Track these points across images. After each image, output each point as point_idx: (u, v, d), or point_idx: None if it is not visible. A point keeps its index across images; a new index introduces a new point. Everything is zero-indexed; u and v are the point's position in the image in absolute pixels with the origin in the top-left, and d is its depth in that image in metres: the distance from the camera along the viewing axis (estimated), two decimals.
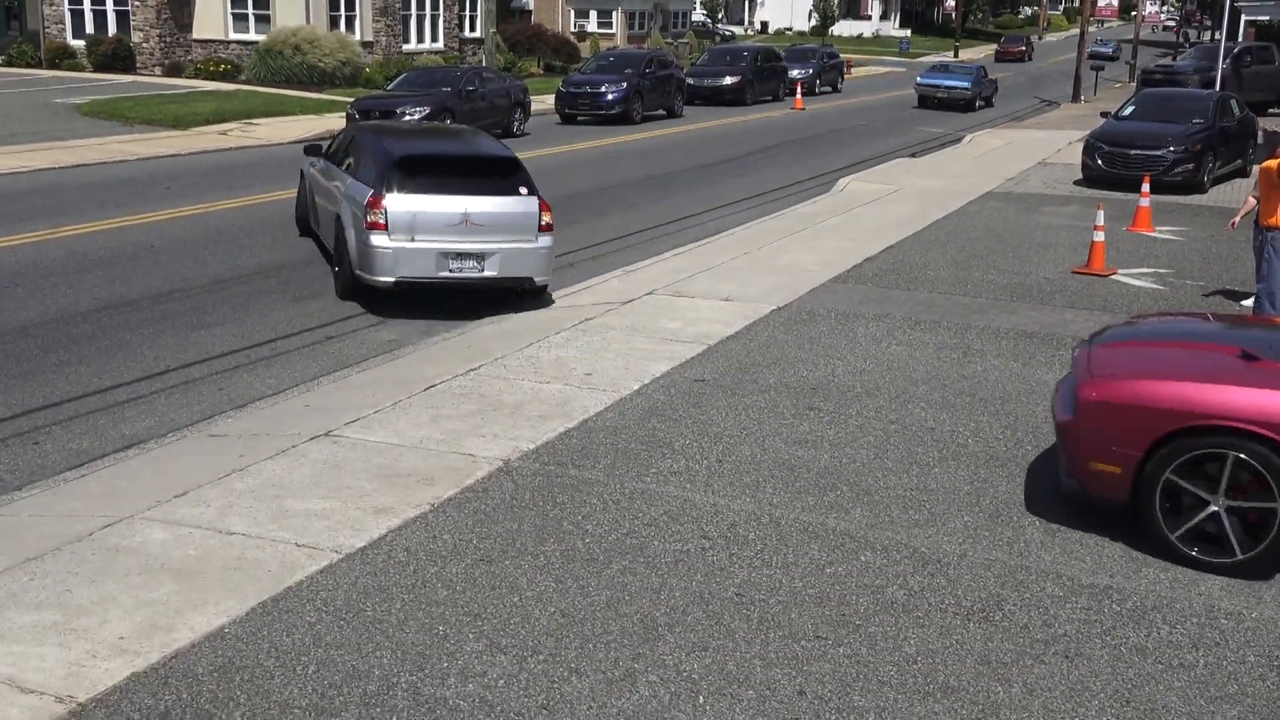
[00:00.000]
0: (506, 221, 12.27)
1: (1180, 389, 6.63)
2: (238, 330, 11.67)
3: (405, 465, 7.74)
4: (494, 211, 12.24)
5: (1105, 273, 14.23)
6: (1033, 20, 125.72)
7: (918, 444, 8.37)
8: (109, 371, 10.28)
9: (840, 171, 24.04)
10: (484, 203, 12.22)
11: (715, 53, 45.79)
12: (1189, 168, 21.18)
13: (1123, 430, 6.71)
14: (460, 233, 12.11)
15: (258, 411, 9.22)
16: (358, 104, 27.64)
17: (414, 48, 45.57)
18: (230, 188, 20.11)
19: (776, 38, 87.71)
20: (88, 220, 16.73)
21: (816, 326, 11.51)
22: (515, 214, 12.33)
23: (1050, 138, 31.07)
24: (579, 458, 7.95)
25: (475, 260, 12.16)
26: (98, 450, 8.50)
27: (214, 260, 14.59)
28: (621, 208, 19.42)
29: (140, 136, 26.81)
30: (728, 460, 7.98)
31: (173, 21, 41.97)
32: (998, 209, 19.16)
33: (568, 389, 9.38)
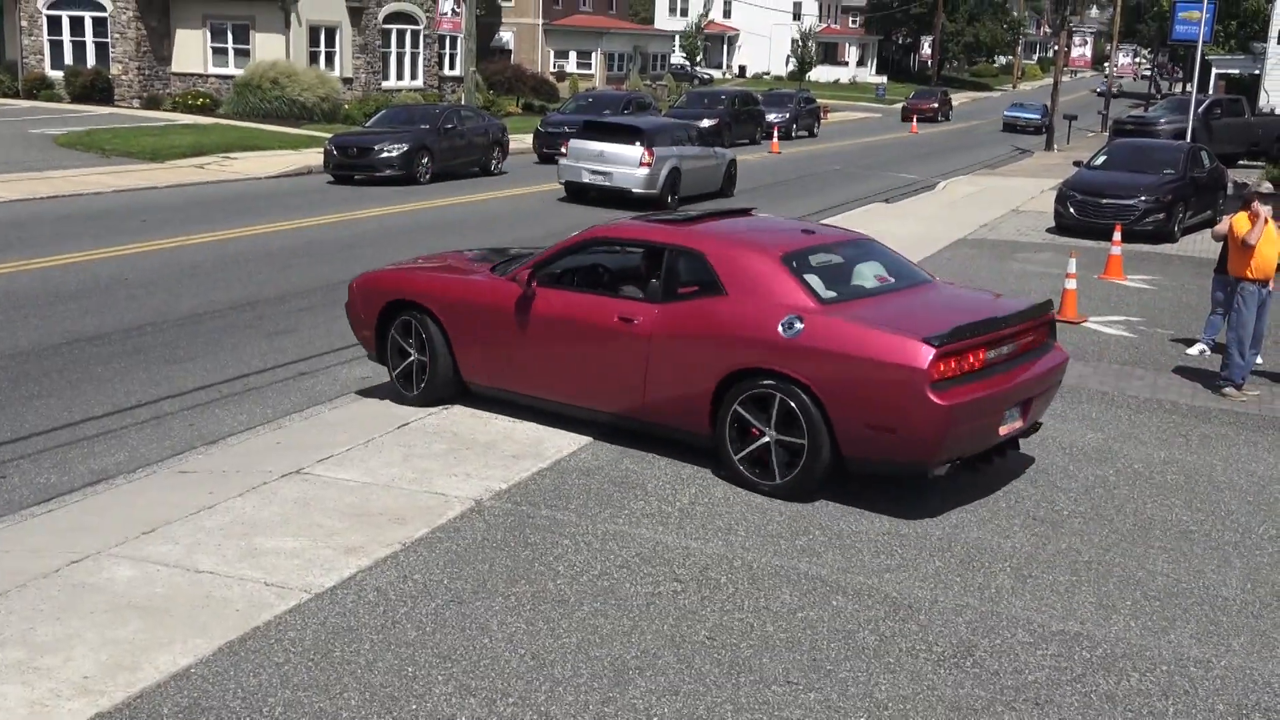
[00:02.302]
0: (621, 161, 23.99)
1: (393, 277, 10.09)
2: (210, 365, 11.62)
3: (376, 504, 7.70)
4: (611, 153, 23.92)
5: (1076, 320, 14.34)
6: (1008, 69, 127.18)
7: (889, 489, 8.38)
8: (79, 405, 10.21)
9: (815, 216, 24.17)
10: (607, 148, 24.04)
11: (693, 95, 46.12)
12: (1160, 217, 21.43)
13: (364, 305, 10.13)
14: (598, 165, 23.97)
15: (228, 448, 9.16)
16: (336, 140, 27.67)
17: (394, 85, 45.73)
18: (206, 221, 20.07)
19: (754, 82, 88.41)
20: (61, 252, 16.66)
21: None
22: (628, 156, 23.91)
23: (1023, 185, 31.38)
24: (551, 498, 7.93)
25: (604, 175, 23.86)
26: (66, 485, 8.42)
27: (187, 294, 14.54)
28: None
29: (117, 168, 26.75)
30: (700, 503, 7.97)
31: (152, 54, 42.01)
32: (971, 256, 19.31)
33: (541, 429, 9.36)
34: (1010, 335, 8.16)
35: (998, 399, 7.92)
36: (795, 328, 7.96)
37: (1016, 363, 8.25)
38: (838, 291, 8.44)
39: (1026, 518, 7.98)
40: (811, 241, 9.04)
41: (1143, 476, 8.97)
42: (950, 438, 7.61)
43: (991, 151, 46.04)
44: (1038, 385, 8.41)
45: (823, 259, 8.84)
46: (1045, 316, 8.69)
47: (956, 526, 7.76)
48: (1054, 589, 6.89)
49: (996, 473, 8.80)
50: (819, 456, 7.90)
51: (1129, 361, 12.65)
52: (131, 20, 41.06)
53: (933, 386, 7.48)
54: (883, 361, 7.60)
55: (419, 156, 26.95)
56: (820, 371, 7.79)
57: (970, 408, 7.65)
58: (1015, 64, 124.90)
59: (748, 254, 8.56)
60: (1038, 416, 8.74)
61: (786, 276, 8.31)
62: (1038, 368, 8.42)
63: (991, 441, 8.10)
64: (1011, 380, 8.09)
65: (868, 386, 7.67)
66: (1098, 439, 9.84)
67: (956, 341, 7.64)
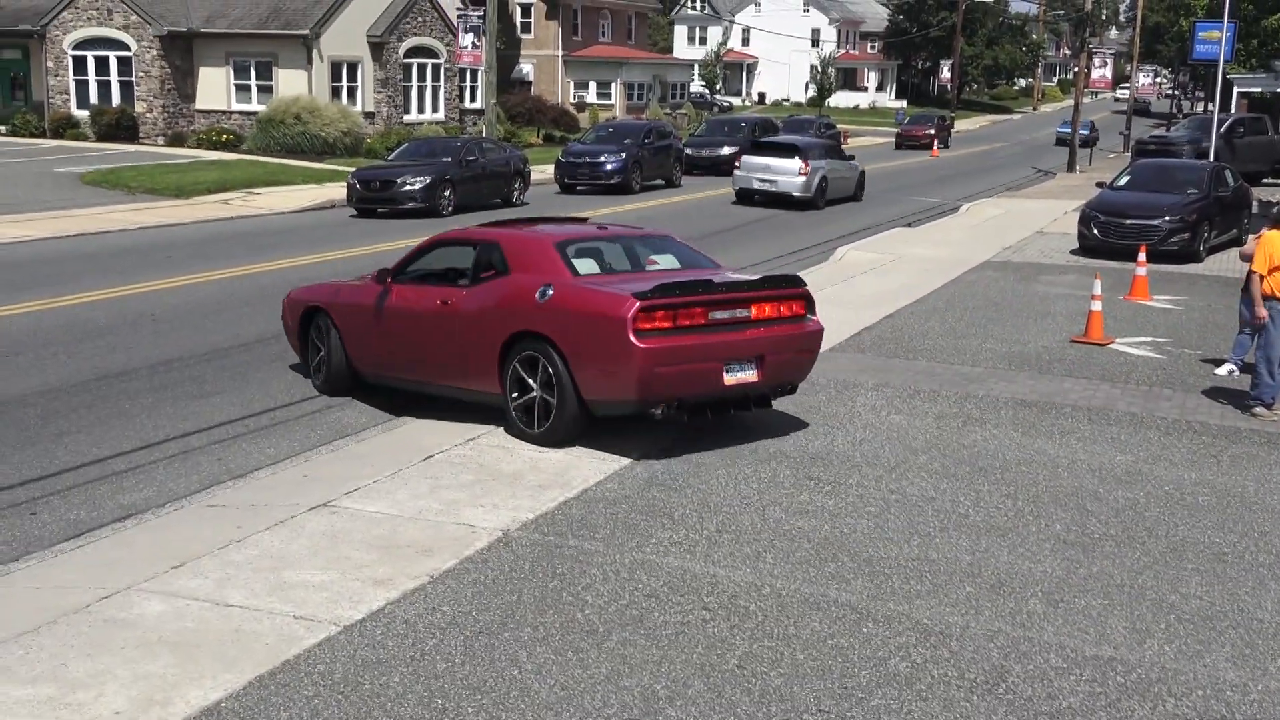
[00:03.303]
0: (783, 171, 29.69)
1: (309, 291, 12.15)
2: (237, 399, 11.68)
3: (404, 536, 7.71)
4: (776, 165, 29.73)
5: (1103, 342, 14.28)
6: (1027, 91, 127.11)
7: (918, 514, 8.35)
8: (108, 441, 10.27)
9: (838, 240, 24.19)
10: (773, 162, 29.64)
11: (713, 123, 46.28)
12: (1185, 237, 21.34)
13: (290, 314, 12.19)
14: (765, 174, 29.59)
15: (256, 482, 9.20)
16: (358, 174, 27.88)
17: (415, 118, 46.08)
18: (231, 257, 20.22)
19: (774, 109, 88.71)
20: (89, 289, 16.81)
21: (816, 396, 11.53)
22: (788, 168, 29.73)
23: (1047, 207, 31.31)
24: (579, 528, 7.93)
25: (770, 182, 29.62)
26: (95, 521, 8.47)
27: (214, 329, 14.64)
28: None
29: (142, 205, 27.01)
30: (728, 530, 7.96)
31: (176, 92, 42.49)
32: (995, 278, 19.26)
33: (568, 458, 9.36)
34: (735, 301, 9.56)
35: (711, 350, 9.32)
36: (547, 294, 9.63)
37: (747, 326, 9.62)
38: (601, 270, 10.17)
39: (1057, 541, 7.93)
40: (594, 235, 10.94)
41: (1174, 498, 8.90)
42: (653, 377, 9.06)
43: (1013, 174, 45.97)
44: (770, 346, 9.69)
45: (601, 247, 10.59)
46: (786, 290, 9.96)
47: (986, 552, 7.71)
48: (1086, 613, 6.84)
49: (1025, 496, 8.76)
50: (565, 402, 9.43)
51: (1157, 382, 12.58)
52: (156, 59, 41.57)
53: (636, 334, 8.97)
54: (599, 314, 9.19)
55: (441, 189, 27.12)
56: (561, 327, 9.42)
57: (673, 353, 9.09)
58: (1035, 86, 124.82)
59: (529, 242, 10.45)
60: (783, 377, 10.04)
61: (554, 257, 10.03)
62: (774, 331, 9.75)
63: (716, 389, 9.47)
64: (734, 337, 9.48)
65: (591, 337, 9.23)
66: (1127, 461, 9.78)
67: (661, 298, 9.12)
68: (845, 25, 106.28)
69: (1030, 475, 9.30)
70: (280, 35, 41.45)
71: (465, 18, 39.97)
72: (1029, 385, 12.22)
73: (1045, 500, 8.72)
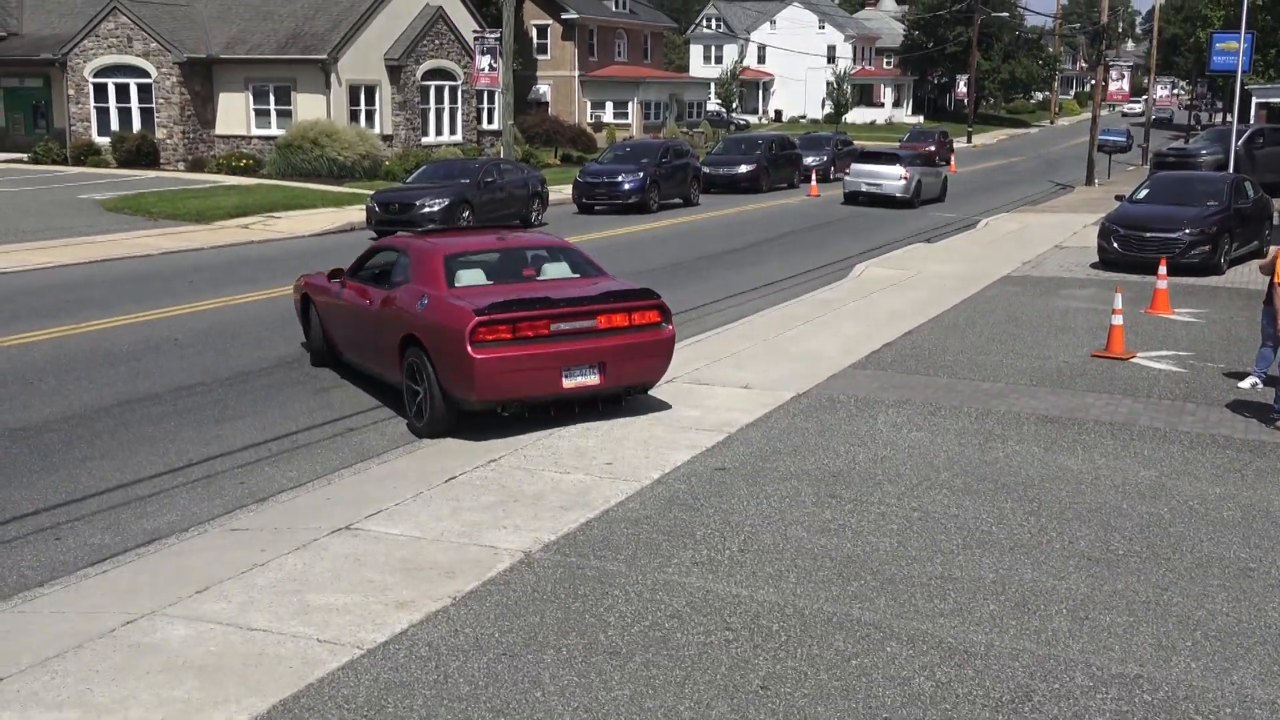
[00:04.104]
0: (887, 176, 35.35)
1: (306, 281, 14.12)
2: (259, 423, 11.73)
3: (426, 558, 7.72)
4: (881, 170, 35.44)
5: (1125, 356, 14.22)
6: (1045, 105, 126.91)
7: (941, 531, 8.32)
8: (131, 466, 10.33)
9: (857, 257, 24.17)
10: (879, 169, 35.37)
11: (730, 141, 46.30)
12: (1205, 250, 21.23)
13: (297, 296, 14.29)
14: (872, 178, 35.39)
15: (279, 505, 9.24)
16: (377, 196, 27.99)
17: (433, 140, 46.29)
18: (252, 281, 20.33)
19: (791, 126, 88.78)
20: (112, 315, 16.92)
21: (836, 413, 11.51)
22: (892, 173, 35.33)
23: (1065, 221, 31.22)
24: (600, 548, 7.93)
25: (877, 185, 35.33)
26: (119, 545, 8.51)
27: (236, 353, 14.72)
28: None
29: (164, 231, 27.19)
30: (750, 550, 7.95)
31: (196, 118, 42.80)
32: (1015, 293, 19.21)
33: (588, 479, 9.38)
34: (576, 314, 10.72)
35: (549, 358, 10.52)
36: (423, 304, 11.10)
37: (590, 335, 10.75)
38: (487, 281, 11.47)
39: (1081, 558, 7.89)
40: (491, 246, 12.34)
41: (1198, 513, 8.84)
42: (489, 382, 10.34)
43: (1032, 188, 45.85)
44: (613, 353, 10.83)
45: (495, 259, 11.96)
46: (636, 302, 11.10)
47: (1010, 569, 7.68)
48: (1112, 630, 6.80)
49: (1048, 513, 8.71)
50: (434, 399, 10.82)
51: (1180, 397, 12.51)
52: (176, 85, 41.90)
53: (473, 345, 10.26)
54: (447, 326, 10.55)
55: (459, 210, 27.20)
56: (428, 335, 10.80)
57: (508, 362, 10.35)
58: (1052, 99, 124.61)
59: (425, 253, 11.81)
60: (629, 380, 11.16)
61: (438, 269, 11.44)
62: (619, 340, 10.88)
63: (555, 391, 10.68)
64: (574, 346, 10.64)
65: (445, 345, 10.53)
66: (1151, 476, 9.73)
67: (499, 313, 10.39)
68: (861, 41, 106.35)
69: (1053, 491, 9.26)
70: (299, 60, 41.71)
71: (482, 40, 40.11)
72: (1051, 401, 12.17)
73: (1068, 516, 8.68)
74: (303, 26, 43.06)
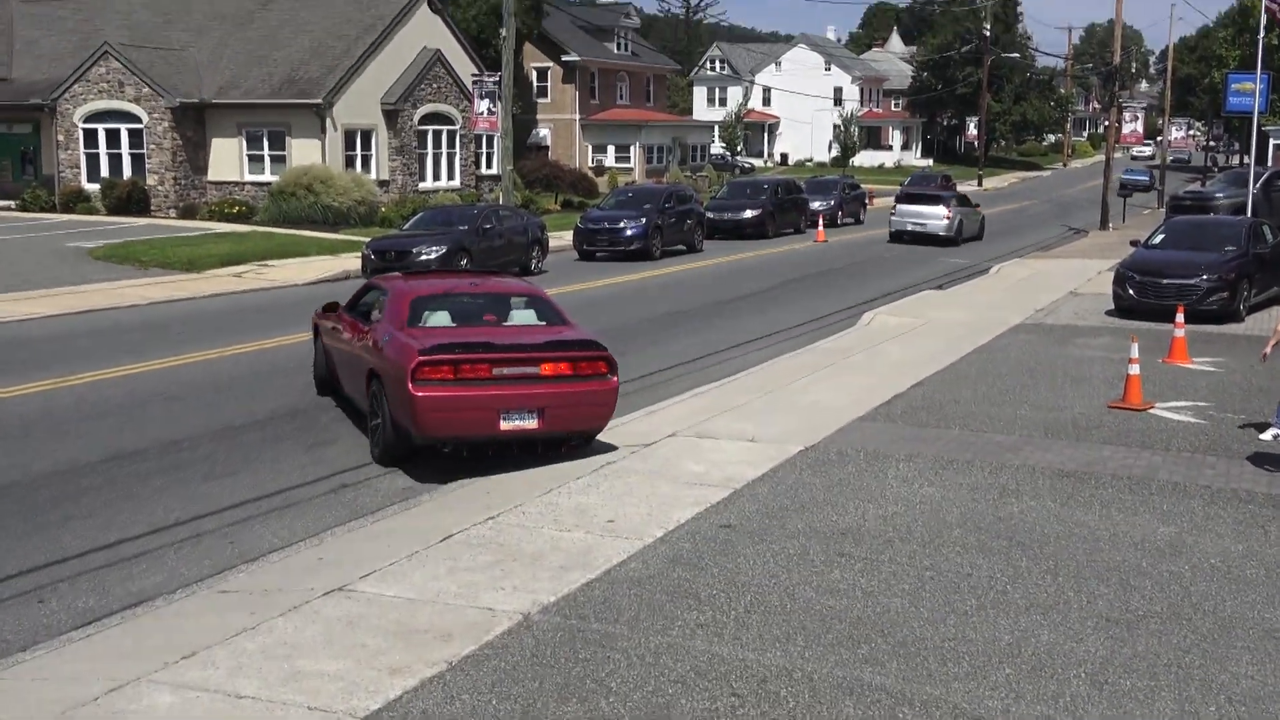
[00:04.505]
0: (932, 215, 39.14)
1: (317, 315, 15.43)
2: (249, 480, 11.72)
3: (422, 621, 7.69)
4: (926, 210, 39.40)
5: (1142, 407, 14.20)
6: (1057, 147, 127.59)
7: (954, 591, 8.28)
8: (117, 525, 10.31)
9: (865, 305, 24.23)
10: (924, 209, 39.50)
11: (735, 186, 46.55)
12: (1224, 296, 21.27)
13: (313, 329, 15.62)
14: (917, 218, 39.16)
15: (269, 565, 9.21)
16: (373, 244, 28.12)
17: (430, 186, 46.56)
18: (244, 331, 20.38)
19: (797, 169, 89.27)
20: (99, 368, 16.95)
21: (845, 468, 11.49)
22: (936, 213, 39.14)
23: (1080, 267, 31.31)
24: (602, 610, 7.89)
25: (922, 224, 38.74)
26: (104, 609, 8.48)
27: (226, 406, 14.73)
28: (641, 346, 19.57)
29: (153, 280, 27.29)
30: (756, 611, 7.90)
31: (188, 164, 43.08)
32: (1029, 342, 19.23)
33: (589, 537, 9.35)
34: (518, 360, 11.48)
35: (487, 400, 11.24)
36: (384, 341, 12.08)
37: (532, 381, 11.47)
38: (452, 323, 12.43)
39: (1099, 619, 7.84)
40: (463, 290, 13.33)
41: (1220, 571, 8.80)
42: (428, 420, 11.14)
43: (1044, 233, 46.03)
44: (553, 400, 11.46)
45: (463, 303, 12.92)
46: (581, 352, 11.80)
47: (1025, 631, 7.63)
48: (1132, 695, 6.74)
49: (1065, 571, 8.67)
50: (385, 430, 11.79)
51: (1199, 449, 12.49)
52: (167, 131, 42.21)
53: (414, 383, 11.02)
54: (397, 362, 11.42)
55: (457, 258, 27.29)
56: (383, 369, 11.73)
57: (446, 401, 11.12)
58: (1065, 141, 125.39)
59: (398, 294, 12.88)
60: (569, 428, 11.75)
61: (404, 309, 12.48)
62: (561, 388, 11.53)
63: (492, 432, 11.36)
64: (514, 391, 11.34)
65: (392, 379, 11.43)
66: (1170, 532, 9.69)
67: (440, 354, 11.21)
68: (868, 83, 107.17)
69: (1070, 549, 9.22)
70: (293, 105, 42.04)
71: (480, 83, 40.40)
72: (1066, 454, 12.15)
73: (1086, 575, 8.64)
74: (297, 70, 43.43)
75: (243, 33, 46.27)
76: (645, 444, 12.41)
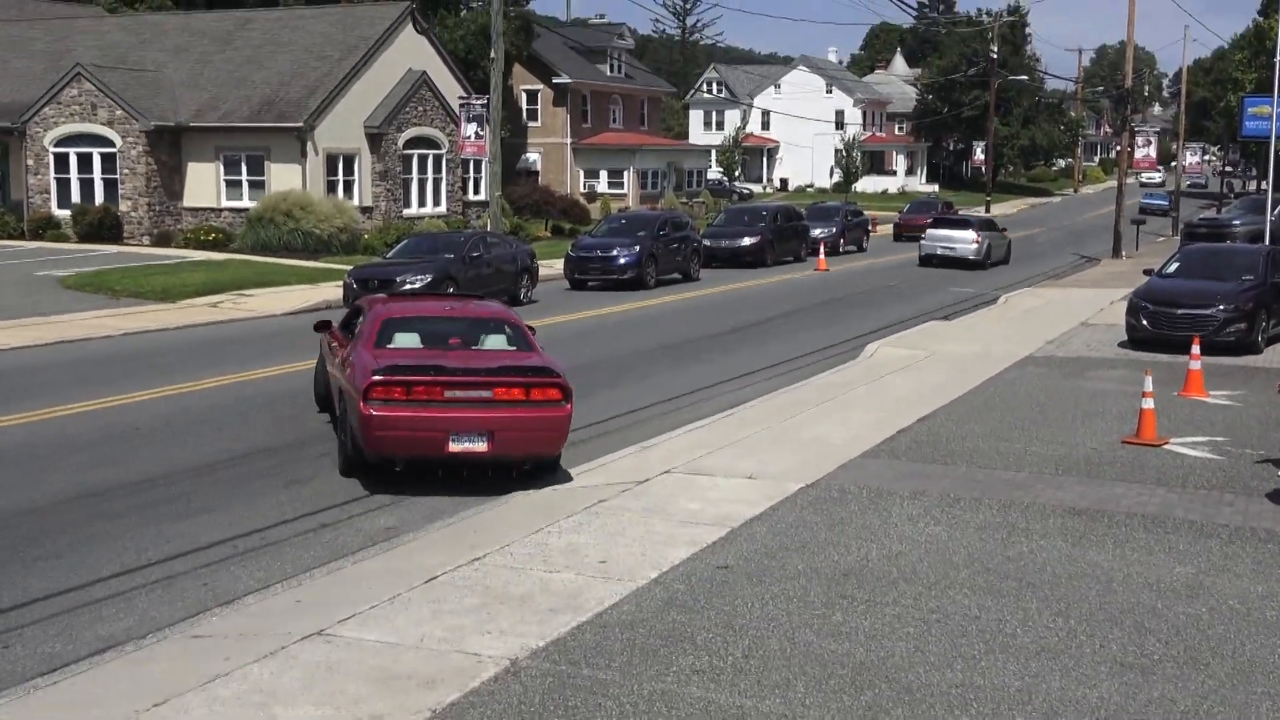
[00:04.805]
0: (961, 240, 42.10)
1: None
2: (225, 519, 11.70)
3: (404, 666, 7.66)
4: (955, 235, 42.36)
5: (1157, 442, 14.23)
6: (1067, 173, 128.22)
7: (961, 635, 8.28)
8: (87, 566, 10.28)
9: (868, 336, 24.29)
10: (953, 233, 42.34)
11: (732, 212, 46.71)
12: (1241, 327, 21.34)
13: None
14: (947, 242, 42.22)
15: (245, 608, 9.19)
16: (355, 273, 28.16)
17: (415, 212, 46.66)
18: (220, 364, 20.38)
19: (797, 195, 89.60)
20: (69, 401, 16.93)
21: (847, 506, 11.50)
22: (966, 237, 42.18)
23: (1091, 297, 31.42)
24: (592, 655, 7.87)
25: (951, 249, 41.78)
26: (72, 654, 8.45)
27: (201, 442, 14.71)
28: (635, 379, 19.59)
29: (126, 310, 27.31)
30: (754, 656, 7.89)
31: (163, 189, 43.17)
32: (1039, 375, 19.28)
33: (580, 579, 9.34)
34: (468, 384, 12.25)
35: (435, 422, 12.01)
36: (351, 358, 13.02)
37: (483, 405, 12.18)
38: (421, 345, 13.40)
39: (1113, 664, 7.84)
40: (436, 314, 14.43)
41: (1240, 614, 8.80)
42: (378, 438, 12.07)
43: (1055, 261, 46.21)
44: (503, 425, 12.14)
45: (434, 326, 13.84)
46: (533, 379, 12.43)
47: (1036, 676, 7.62)
48: None
49: (1077, 614, 8.67)
50: (345, 444, 12.92)
51: (1217, 486, 12.51)
52: (141, 155, 42.32)
53: (366, 401, 11.93)
54: (354, 382, 12.33)
55: (444, 288, 27.27)
56: (346, 386, 12.72)
57: (395, 421, 11.97)
58: (1075, 167, 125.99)
59: (374, 314, 13.91)
60: (519, 452, 12.42)
61: (374, 330, 13.45)
62: (512, 413, 12.24)
63: (440, 453, 12.14)
64: (463, 414, 12.08)
65: (350, 397, 12.42)
66: (1187, 573, 9.69)
67: (392, 376, 12.09)
68: (871, 106, 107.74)
69: (1082, 590, 9.22)
70: (273, 128, 42.16)
71: (468, 106, 40.56)
72: (1078, 491, 12.16)
73: (1099, 618, 8.63)
74: (277, 93, 43.60)
75: (221, 53, 46.46)
76: (639, 481, 12.41)
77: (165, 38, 47.95)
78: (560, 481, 12.78)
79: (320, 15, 48.37)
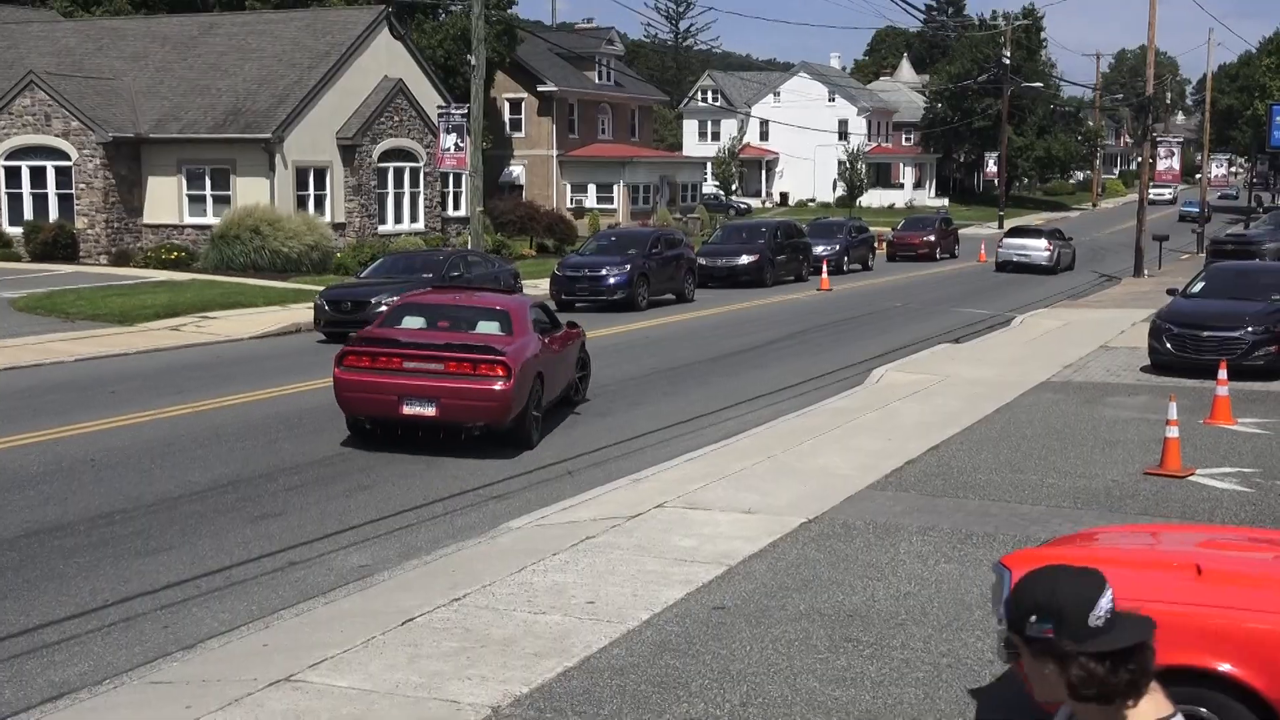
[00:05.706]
0: (1034, 248, 50.10)
1: None
2: (187, 556, 11.69)
3: (378, 715, 7.66)
4: (1029, 244, 50.82)
5: (1182, 473, 14.27)
6: (1085, 185, 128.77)
7: (974, 680, 8.29)
8: (38, 608, 10.26)
9: (875, 360, 24.34)
10: (1027, 242, 51.58)
11: (730, 229, 46.83)
12: (1271, 350, 21.41)
13: None
14: (1022, 250, 50.06)
15: (208, 653, 9.18)
16: (327, 294, 28.16)
17: (391, 229, 46.72)
18: (182, 391, 20.38)
19: (798, 210, 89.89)
20: (19, 431, 16.92)
21: (853, 542, 11.52)
22: (1038, 245, 50.43)
23: (1112, 318, 31.54)
24: (580, 703, 7.87)
25: (1026, 256, 49.78)
26: (22, 702, 8.43)
27: (162, 475, 14.71)
28: (626, 406, 19.62)
29: (82, 334, 27.30)
30: (753, 703, 7.90)
31: (121, 205, 43.21)
32: (1056, 401, 19.33)
33: (567, 620, 9.34)
34: (420, 356, 15.42)
35: (389, 387, 15.31)
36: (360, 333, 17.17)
37: (431, 376, 15.28)
38: (425, 326, 16.69)
39: None
40: (444, 302, 17.62)
41: None
42: (345, 398, 15.70)
43: (1073, 280, 46.38)
44: (446, 394, 15.21)
45: (440, 310, 17.20)
46: (476, 356, 15.40)
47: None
48: None
49: None
50: None
51: (1246, 519, 12.54)
52: (99, 169, 42.37)
53: (338, 366, 15.62)
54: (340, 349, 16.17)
55: None
56: None
57: (355, 384, 15.48)
58: (1094, 179, 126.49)
59: (395, 301, 18.64)
60: (462, 418, 15.45)
61: (388, 313, 17.51)
62: (454, 384, 15.22)
63: (395, 415, 15.50)
64: (413, 382, 15.27)
65: None
66: None
67: (358, 345, 15.90)
68: (876, 116, 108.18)
69: None
70: (239, 140, 42.27)
71: (447, 116, 40.67)
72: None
73: None
74: (243, 102, 43.71)
75: (183, 60, 46.60)
76: (630, 515, 12.42)
77: (124, 44, 48.10)
78: (537, 507, 12.79)
79: (289, 20, 48.53)
